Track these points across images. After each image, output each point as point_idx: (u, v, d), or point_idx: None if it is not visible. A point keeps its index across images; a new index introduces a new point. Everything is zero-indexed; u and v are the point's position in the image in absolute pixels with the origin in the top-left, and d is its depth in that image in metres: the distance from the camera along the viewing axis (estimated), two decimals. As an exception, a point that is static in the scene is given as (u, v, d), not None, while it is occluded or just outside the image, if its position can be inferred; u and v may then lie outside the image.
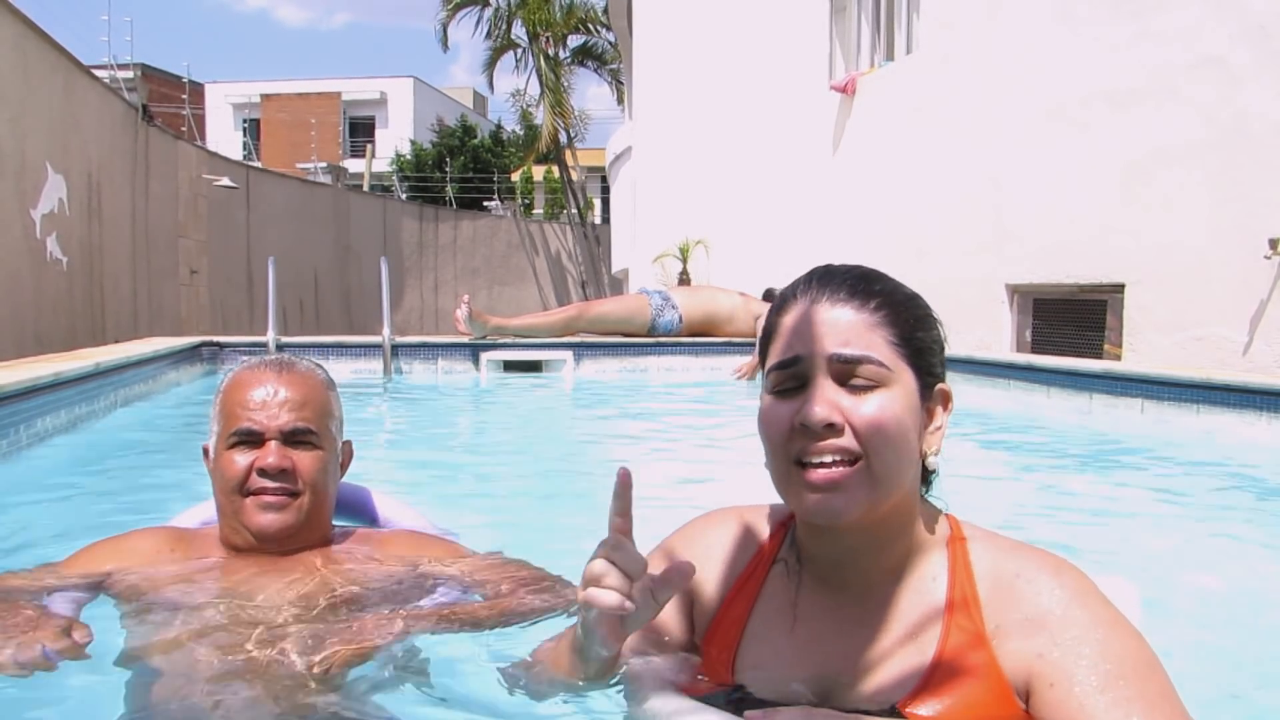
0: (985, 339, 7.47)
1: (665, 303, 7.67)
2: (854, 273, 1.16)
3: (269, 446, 1.62)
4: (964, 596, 1.10)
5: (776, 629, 1.19)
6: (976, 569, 1.12)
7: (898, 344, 1.11)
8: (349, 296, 21.70)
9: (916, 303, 1.17)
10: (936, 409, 1.16)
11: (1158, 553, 2.73)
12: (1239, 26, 5.50)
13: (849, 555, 1.15)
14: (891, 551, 1.14)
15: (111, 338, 10.10)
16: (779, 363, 1.12)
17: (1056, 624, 1.04)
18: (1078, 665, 1.01)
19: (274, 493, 1.61)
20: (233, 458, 1.62)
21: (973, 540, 1.16)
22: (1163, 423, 4.55)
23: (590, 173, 30.11)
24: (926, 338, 1.15)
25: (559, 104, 23.51)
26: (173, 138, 14.41)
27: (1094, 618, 1.04)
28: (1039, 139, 6.98)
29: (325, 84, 37.81)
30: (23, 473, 3.44)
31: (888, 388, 1.09)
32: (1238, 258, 5.46)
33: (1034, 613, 1.06)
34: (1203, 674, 1.78)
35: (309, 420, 1.65)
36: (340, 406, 1.77)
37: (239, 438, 1.62)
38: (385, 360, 6.71)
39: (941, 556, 1.15)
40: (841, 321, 1.10)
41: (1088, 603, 1.06)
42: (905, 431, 1.09)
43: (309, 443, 1.65)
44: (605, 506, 1.16)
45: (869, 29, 9.89)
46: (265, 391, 1.64)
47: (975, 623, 1.08)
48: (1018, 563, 1.11)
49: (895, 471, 1.09)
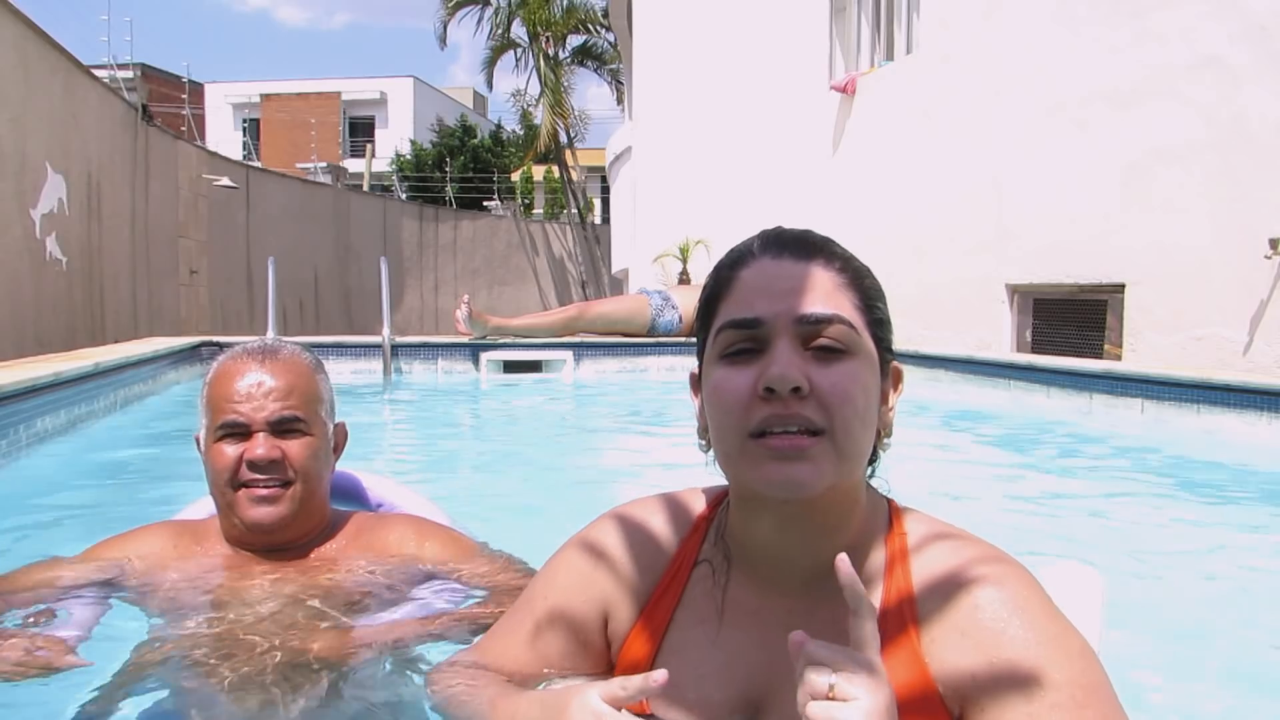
0: (985, 339, 7.46)
1: (665, 303, 7.67)
2: (812, 234, 1.06)
3: (257, 438, 1.59)
4: (899, 600, 1.01)
5: (697, 641, 1.06)
6: (915, 569, 1.02)
7: (862, 309, 1.01)
8: (349, 296, 21.69)
9: (871, 274, 1.08)
10: (889, 389, 1.06)
11: (1157, 553, 2.73)
12: (1239, 26, 5.50)
13: (790, 543, 1.03)
14: (835, 540, 1.02)
15: (111, 338, 10.10)
16: (735, 320, 0.99)
17: (992, 642, 0.94)
18: (1011, 692, 0.92)
19: (265, 484, 1.59)
20: (222, 450, 1.60)
21: (913, 535, 1.05)
22: (1163, 423, 4.55)
23: (590, 173, 30.11)
24: (883, 309, 1.06)
25: (559, 104, 23.50)
26: (173, 138, 14.41)
27: (1034, 635, 0.94)
28: (1039, 139, 6.98)
29: (325, 84, 37.80)
30: (23, 473, 3.45)
31: (854, 355, 0.98)
32: (1238, 258, 5.45)
33: (970, 626, 0.96)
34: (1203, 673, 1.78)
35: (296, 408, 1.62)
36: (330, 389, 1.74)
37: (226, 430, 1.60)
38: (385, 360, 6.71)
39: (880, 549, 1.05)
40: (809, 278, 0.99)
41: (1027, 617, 0.95)
42: (870, 403, 0.99)
43: (298, 430, 1.63)
44: (604, 507, 1.15)
45: (869, 29, 9.89)
46: (249, 382, 1.61)
47: (910, 634, 0.99)
48: (958, 563, 1.01)
49: (860, 446, 0.98)
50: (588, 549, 1.15)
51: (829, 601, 0.99)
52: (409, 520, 1.78)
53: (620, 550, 1.13)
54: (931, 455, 4.24)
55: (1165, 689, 1.59)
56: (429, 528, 1.76)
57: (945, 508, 1.28)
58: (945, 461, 4.22)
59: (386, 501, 1.97)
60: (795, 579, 1.04)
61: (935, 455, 4.28)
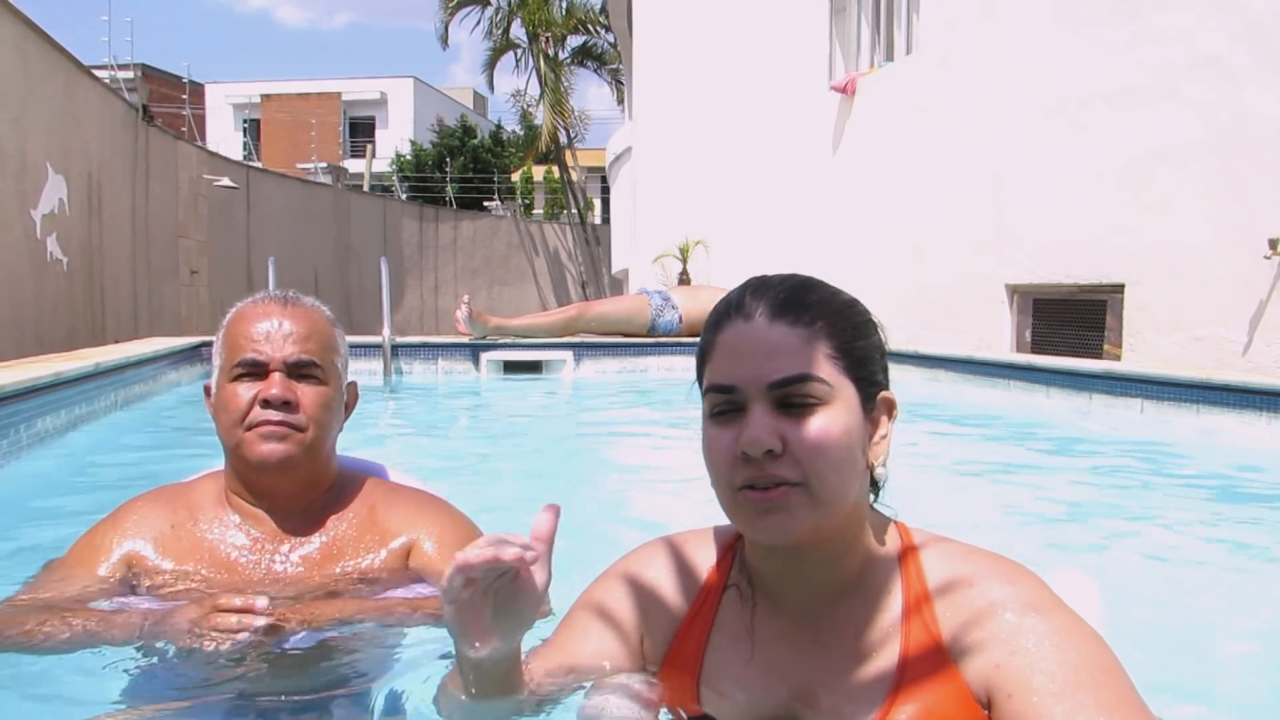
0: (985, 339, 7.47)
1: (665, 303, 7.68)
2: (788, 284, 1.11)
3: (273, 378, 1.58)
4: (919, 608, 1.09)
5: (734, 658, 1.16)
6: (930, 579, 1.10)
7: (836, 356, 1.07)
8: (349, 296, 21.69)
9: (855, 309, 1.12)
10: (881, 418, 1.12)
11: (1157, 553, 2.73)
12: (1239, 26, 5.50)
13: (801, 574, 1.12)
14: (843, 567, 1.11)
15: (111, 338, 10.11)
16: (715, 385, 1.08)
17: (1011, 632, 1.03)
18: (1034, 674, 1.00)
19: (277, 424, 1.57)
20: (235, 390, 1.59)
21: (924, 548, 1.13)
22: (1162, 423, 4.55)
23: (590, 173, 30.11)
24: (866, 345, 1.11)
25: (559, 104, 23.51)
26: (173, 138, 14.41)
27: (1049, 624, 1.03)
28: (1039, 139, 6.98)
29: (325, 84, 37.81)
30: (23, 473, 3.45)
31: (828, 405, 1.05)
32: (1238, 258, 5.45)
33: (989, 621, 1.04)
34: (1202, 673, 1.78)
35: (313, 353, 1.62)
36: (345, 345, 1.74)
37: (243, 369, 1.59)
38: (385, 360, 6.71)
39: (894, 568, 1.13)
40: (777, 341, 1.06)
41: (1043, 609, 1.04)
42: (848, 449, 1.06)
43: (313, 376, 1.62)
44: (604, 506, 1.17)
45: (869, 29, 9.89)
46: (270, 324, 1.62)
47: (933, 634, 1.07)
48: (970, 570, 1.09)
49: (839, 491, 1.05)
50: (628, 575, 1.25)
51: (851, 617, 1.11)
52: (419, 499, 1.76)
53: (656, 577, 1.23)
54: (931, 455, 4.24)
55: (1165, 688, 1.59)
56: (438, 511, 1.74)
57: (945, 507, 1.29)
58: (945, 461, 4.22)
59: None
60: (813, 601, 1.13)
61: (935, 455, 4.28)
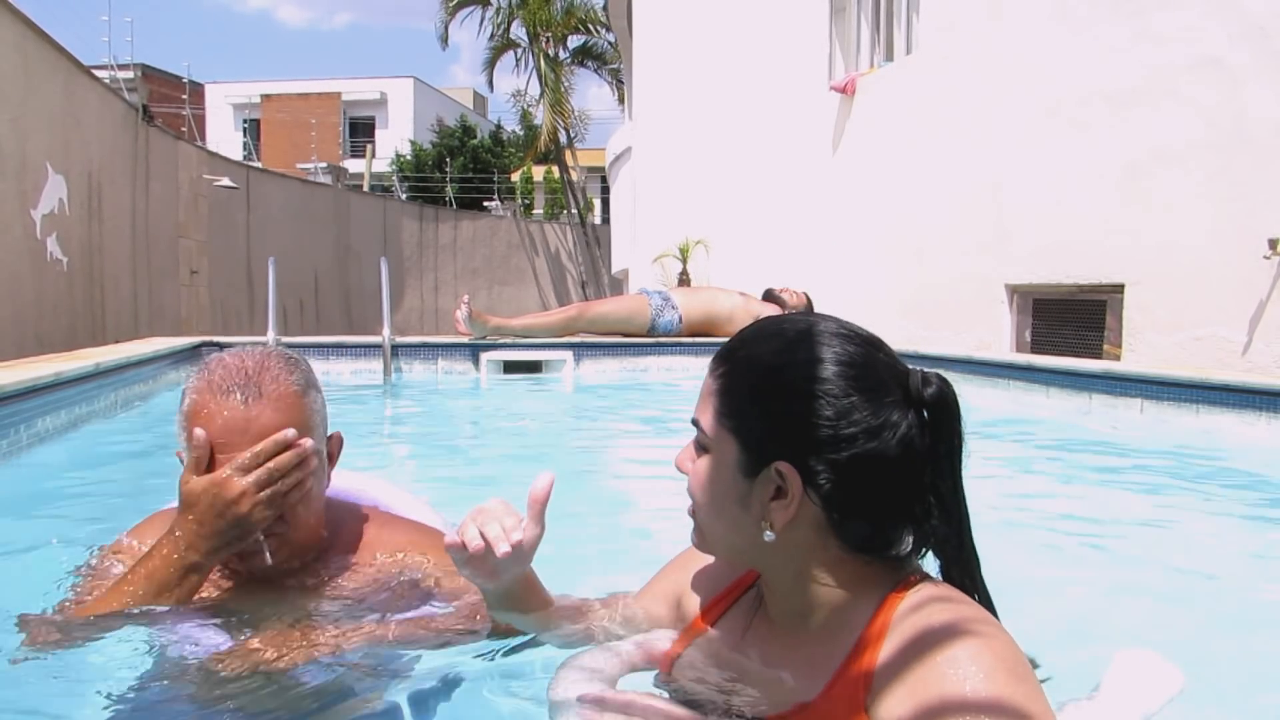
0: (985, 339, 7.47)
1: (665, 303, 7.67)
2: (748, 336, 1.20)
3: None
4: (859, 662, 1.05)
5: (720, 646, 1.27)
6: (890, 637, 1.05)
7: (723, 414, 1.15)
8: (349, 296, 21.69)
9: (770, 376, 1.12)
10: (763, 491, 1.11)
11: (1156, 553, 2.74)
12: (1239, 26, 5.50)
13: (769, 595, 1.22)
14: (795, 597, 1.17)
15: (112, 338, 10.10)
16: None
17: (931, 704, 0.94)
18: None
19: (266, 536, 1.48)
20: None
21: (907, 604, 1.08)
22: (1162, 423, 4.55)
23: (590, 173, 30.11)
24: (761, 412, 1.11)
25: (559, 104, 23.52)
26: (173, 138, 14.41)
27: (974, 703, 0.92)
28: (1039, 139, 6.98)
29: (325, 84, 37.83)
30: (23, 473, 3.45)
31: (708, 453, 1.17)
32: (1238, 258, 5.46)
33: (919, 688, 0.97)
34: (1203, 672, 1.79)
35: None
36: (322, 404, 1.60)
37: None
38: (385, 360, 6.71)
39: (861, 619, 1.09)
40: (705, 383, 1.21)
41: (976, 684, 0.94)
42: (716, 498, 1.16)
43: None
44: (604, 507, 1.18)
45: (869, 29, 9.89)
46: (235, 426, 1.46)
47: (856, 691, 1.03)
48: (935, 633, 1.01)
49: (711, 527, 1.18)
50: (688, 556, 1.40)
51: (803, 643, 1.16)
52: (415, 533, 1.69)
53: (704, 562, 1.37)
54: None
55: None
56: (430, 538, 1.67)
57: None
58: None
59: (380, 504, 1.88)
60: (781, 616, 1.21)
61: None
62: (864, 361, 1.11)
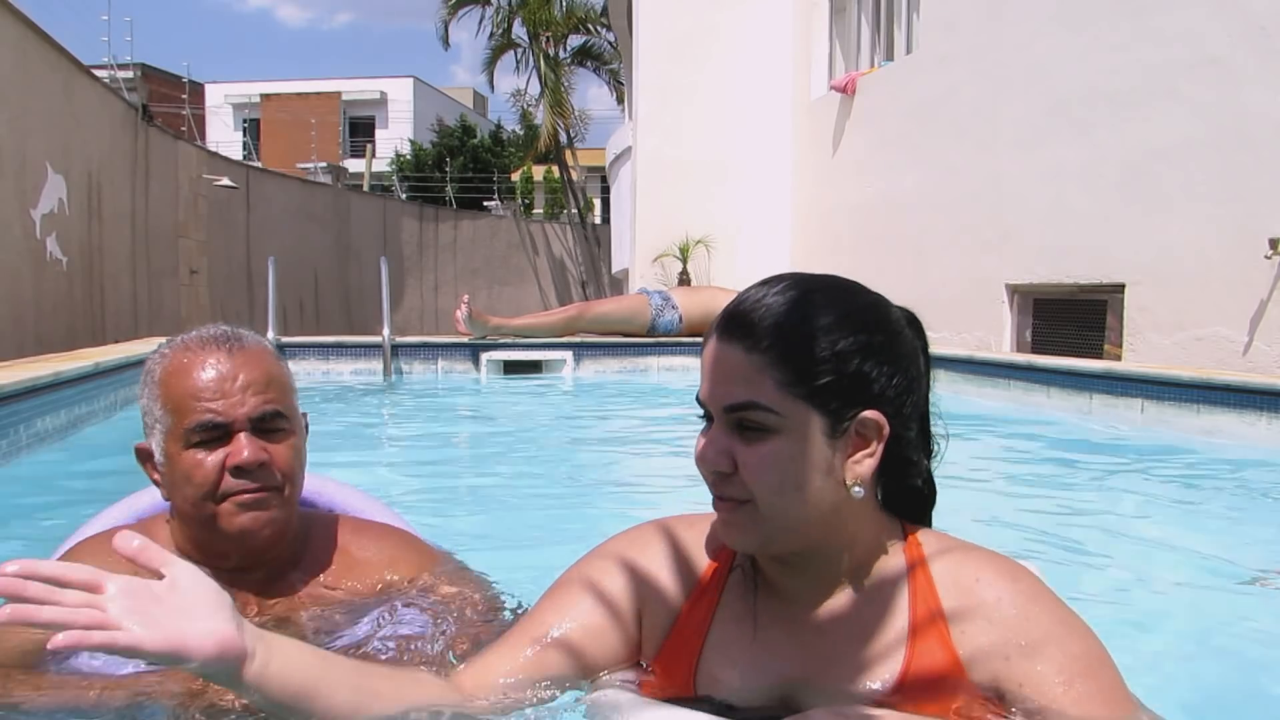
0: (985, 339, 7.47)
1: (665, 303, 7.67)
2: (763, 303, 1.08)
3: (239, 440, 1.36)
4: (927, 606, 1.12)
5: (737, 637, 1.17)
6: (937, 577, 1.14)
7: (788, 383, 1.04)
8: (349, 296, 21.68)
9: (830, 334, 1.06)
10: (857, 439, 1.09)
11: (1156, 553, 2.73)
12: (1239, 26, 5.50)
13: (795, 571, 1.15)
14: (840, 565, 1.14)
15: (111, 338, 10.10)
16: (697, 396, 1.12)
17: (1017, 626, 1.09)
18: (1042, 664, 1.07)
19: (255, 491, 1.37)
20: (196, 459, 1.36)
21: (928, 547, 1.17)
22: (1163, 423, 4.55)
23: (590, 173, 30.09)
24: (838, 369, 1.06)
25: (559, 104, 23.50)
26: (173, 138, 14.40)
27: (1051, 618, 1.10)
28: (1039, 139, 6.98)
29: (325, 84, 37.80)
30: (23, 473, 3.45)
31: (779, 433, 1.05)
32: (1238, 258, 5.45)
33: (996, 616, 1.10)
34: (1202, 672, 1.79)
35: (276, 402, 1.40)
36: (293, 377, 1.52)
37: (200, 434, 1.35)
38: (385, 360, 6.71)
39: (900, 567, 1.15)
40: (730, 365, 1.06)
41: (1044, 604, 1.12)
42: (798, 475, 1.06)
43: (281, 429, 1.40)
44: (604, 506, 1.17)
45: (869, 29, 9.89)
46: (220, 375, 1.36)
47: (939, 628, 1.11)
48: (975, 568, 1.14)
49: (787, 513, 1.07)
50: (625, 560, 1.23)
51: (856, 608, 1.14)
52: (387, 537, 1.59)
53: (659, 554, 1.23)
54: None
55: (1166, 687, 1.59)
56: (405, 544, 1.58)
57: (944, 507, 1.29)
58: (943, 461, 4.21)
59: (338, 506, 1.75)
60: (813, 593, 1.16)
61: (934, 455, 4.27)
62: (874, 296, 1.15)
